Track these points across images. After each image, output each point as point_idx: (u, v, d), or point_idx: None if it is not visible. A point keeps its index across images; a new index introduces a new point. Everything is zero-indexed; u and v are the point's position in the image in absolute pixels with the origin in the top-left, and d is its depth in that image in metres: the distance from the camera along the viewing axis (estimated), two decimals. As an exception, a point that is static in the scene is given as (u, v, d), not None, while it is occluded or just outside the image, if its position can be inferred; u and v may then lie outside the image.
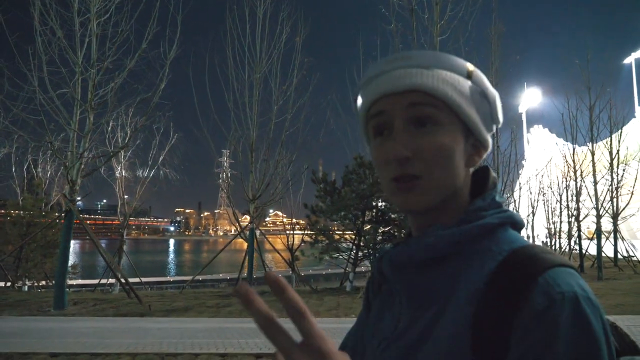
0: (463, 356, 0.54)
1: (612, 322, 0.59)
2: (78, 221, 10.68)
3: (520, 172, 27.65)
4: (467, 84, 0.63)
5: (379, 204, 15.09)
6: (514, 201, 21.13)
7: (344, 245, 16.25)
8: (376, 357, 0.65)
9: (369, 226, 15.51)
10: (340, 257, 16.26)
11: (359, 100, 0.67)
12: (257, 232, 16.26)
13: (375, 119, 0.63)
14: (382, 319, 0.69)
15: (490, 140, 0.68)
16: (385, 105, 0.62)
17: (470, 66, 0.65)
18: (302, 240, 18.31)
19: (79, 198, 10.54)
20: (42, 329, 7.27)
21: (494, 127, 0.68)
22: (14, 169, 22.07)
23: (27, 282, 17.13)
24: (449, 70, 0.62)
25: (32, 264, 16.40)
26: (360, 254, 15.97)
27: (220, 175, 21.68)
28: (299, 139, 15.55)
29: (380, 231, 15.58)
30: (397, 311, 0.66)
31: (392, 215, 15.32)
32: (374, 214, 15.48)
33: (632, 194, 19.99)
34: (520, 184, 24.27)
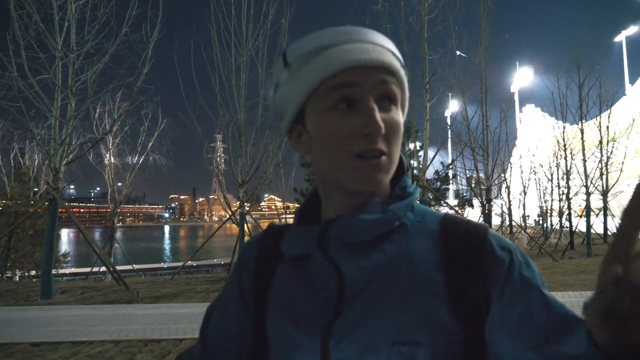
0: (444, 320, 0.59)
1: None
2: (64, 209, 10.55)
3: (512, 151, 27.72)
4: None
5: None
6: (506, 180, 21.19)
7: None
8: (329, 343, 0.61)
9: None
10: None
11: (303, 68, 0.62)
12: (248, 217, 16.20)
13: (343, 89, 0.60)
14: (304, 303, 0.66)
15: None
16: (358, 77, 0.60)
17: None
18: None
19: (71, 186, 10.38)
20: (26, 318, 7.22)
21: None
22: (0, 158, 21.76)
23: (17, 272, 17.06)
24: (395, 56, 0.64)
25: (21, 253, 16.30)
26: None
27: (213, 160, 21.56)
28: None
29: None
30: (333, 290, 0.63)
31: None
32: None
33: (621, 170, 20.12)
34: (511, 163, 24.38)
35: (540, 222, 31.96)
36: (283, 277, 0.70)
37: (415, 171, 13.05)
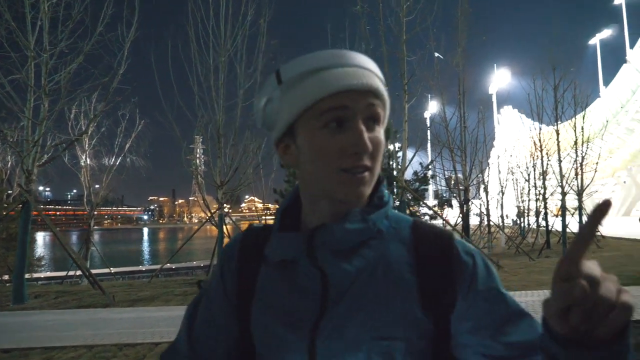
0: (416, 317, 0.67)
1: None
2: (37, 212, 10.30)
3: (490, 152, 28.16)
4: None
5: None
6: (484, 180, 21.52)
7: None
8: (315, 340, 0.67)
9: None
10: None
11: (296, 87, 0.68)
12: (227, 219, 16.07)
13: (333, 112, 0.66)
14: (290, 304, 0.71)
15: None
16: (349, 100, 0.66)
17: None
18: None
19: (47, 189, 10.13)
20: (-3, 324, 7.02)
21: None
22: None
23: (-8, 277, 16.54)
24: (379, 79, 0.70)
25: (-8, 258, 15.84)
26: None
27: (192, 161, 21.31)
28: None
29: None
30: (317, 293, 0.69)
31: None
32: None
33: (595, 170, 20.60)
34: (489, 163, 24.76)
35: (518, 222, 32.53)
36: (268, 278, 0.75)
37: (394, 172, 13.16)
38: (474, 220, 22.90)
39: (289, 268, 0.73)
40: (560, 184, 19.31)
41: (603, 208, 0.45)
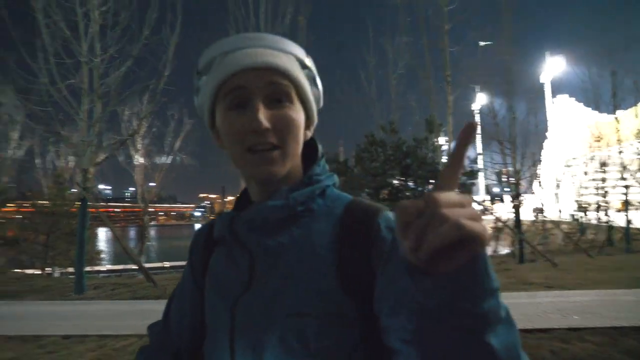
0: (332, 295, 0.65)
1: None
2: (94, 210, 10.93)
3: (543, 143, 26.80)
4: (306, 70, 0.74)
5: (394, 182, 14.89)
6: (537, 174, 20.53)
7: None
8: (236, 314, 0.70)
9: (384, 204, 15.34)
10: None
11: (209, 73, 0.72)
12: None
13: (233, 93, 0.68)
14: (224, 279, 0.75)
15: (316, 118, 0.79)
16: (245, 81, 0.67)
17: (306, 55, 0.75)
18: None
19: (108, 187, 10.75)
20: (59, 312, 7.54)
21: (318, 108, 0.80)
22: (37, 161, 22.75)
23: (57, 269, 17.79)
24: (295, 55, 0.72)
25: (58, 251, 16.98)
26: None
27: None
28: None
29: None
30: (245, 269, 0.72)
31: (407, 194, 15.13)
32: (387, 192, 15.30)
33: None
34: (542, 156, 23.59)
35: (577, 217, 30.80)
36: (217, 256, 0.80)
37: (438, 166, 12.85)
38: (529, 216, 21.93)
39: (227, 245, 0.77)
40: (622, 176, 18.08)
41: (469, 129, 0.45)
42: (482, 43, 13.83)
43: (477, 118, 18.03)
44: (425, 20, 12.51)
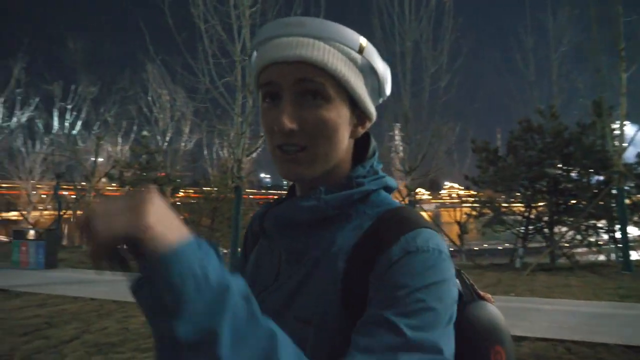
0: (333, 308, 0.61)
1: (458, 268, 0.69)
2: (246, 196, 11.98)
3: None
4: (358, 57, 0.65)
5: (553, 172, 13.16)
6: None
7: (510, 218, 14.81)
8: (262, 301, 0.68)
9: (540, 197, 13.78)
10: (508, 231, 14.90)
11: (254, 58, 0.69)
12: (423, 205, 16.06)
13: (266, 87, 0.65)
14: (260, 270, 0.75)
15: (375, 112, 0.71)
16: (275, 75, 0.63)
17: (363, 40, 0.65)
18: (467, 214, 17.39)
19: (267, 176, 11.80)
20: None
21: (381, 100, 0.73)
22: (205, 152, 26.07)
23: (222, 250, 20.20)
24: (341, 42, 0.63)
25: (220, 234, 19.15)
26: (531, 227, 14.31)
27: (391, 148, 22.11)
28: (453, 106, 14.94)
29: (556, 203, 13.64)
30: (275, 264, 0.72)
31: (568, 185, 13.26)
32: (545, 183, 13.60)
33: None
34: None
35: None
36: (262, 241, 0.79)
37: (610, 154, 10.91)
38: None
39: (261, 241, 0.79)
40: None
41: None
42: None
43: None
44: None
